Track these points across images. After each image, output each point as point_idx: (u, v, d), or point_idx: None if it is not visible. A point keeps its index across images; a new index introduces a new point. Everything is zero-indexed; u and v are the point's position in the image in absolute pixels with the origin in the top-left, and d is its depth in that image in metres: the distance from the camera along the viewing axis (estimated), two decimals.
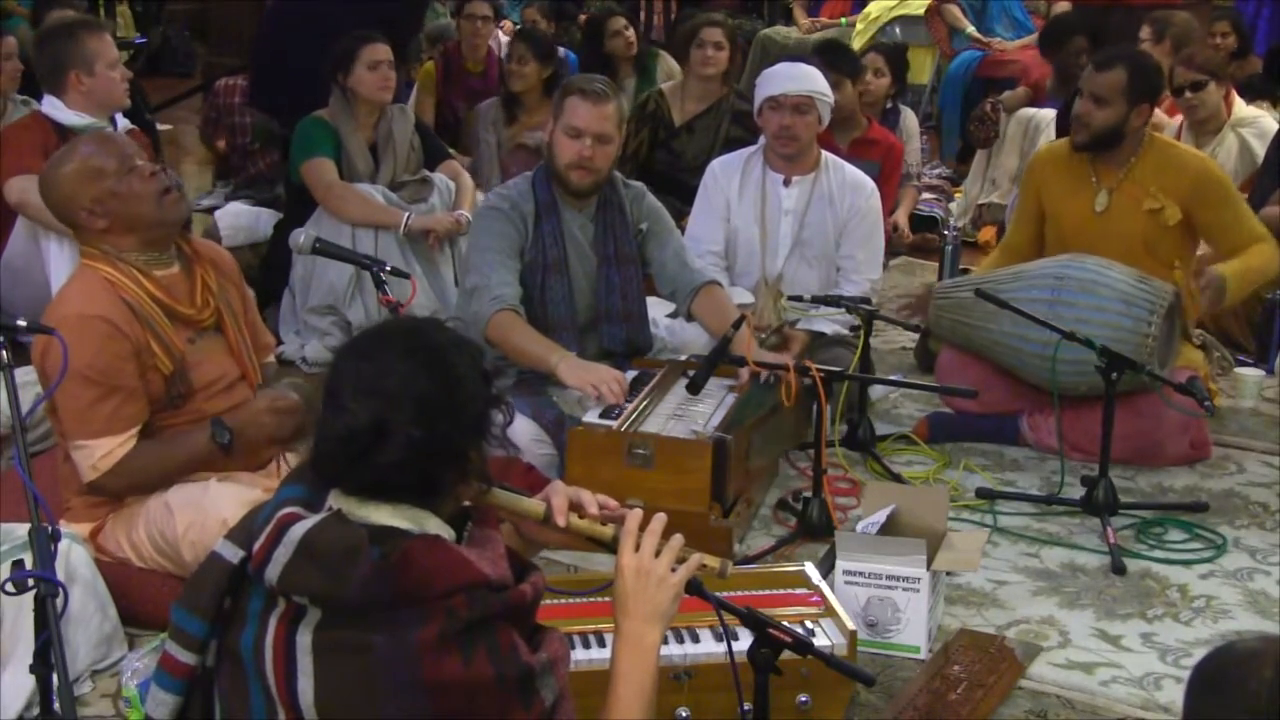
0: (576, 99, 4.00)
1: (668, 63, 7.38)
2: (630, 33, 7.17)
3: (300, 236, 3.90)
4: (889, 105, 6.77)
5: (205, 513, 3.12)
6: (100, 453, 3.14)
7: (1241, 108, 6.10)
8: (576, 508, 2.20)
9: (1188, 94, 5.89)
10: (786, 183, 4.64)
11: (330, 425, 1.94)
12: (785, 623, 2.31)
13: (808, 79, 4.61)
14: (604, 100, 3.99)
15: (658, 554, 2.11)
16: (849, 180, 4.68)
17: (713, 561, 2.18)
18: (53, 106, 4.72)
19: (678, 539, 2.14)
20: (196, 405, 3.26)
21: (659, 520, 2.15)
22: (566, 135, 3.99)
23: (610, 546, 2.16)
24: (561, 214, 4.06)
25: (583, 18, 9.57)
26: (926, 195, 7.05)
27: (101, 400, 3.11)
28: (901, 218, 6.53)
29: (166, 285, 3.22)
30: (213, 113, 7.43)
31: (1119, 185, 4.45)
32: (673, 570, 2.11)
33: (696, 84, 6.13)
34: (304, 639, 1.90)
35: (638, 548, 2.12)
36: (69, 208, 3.20)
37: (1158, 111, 5.94)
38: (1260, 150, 5.82)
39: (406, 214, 5.12)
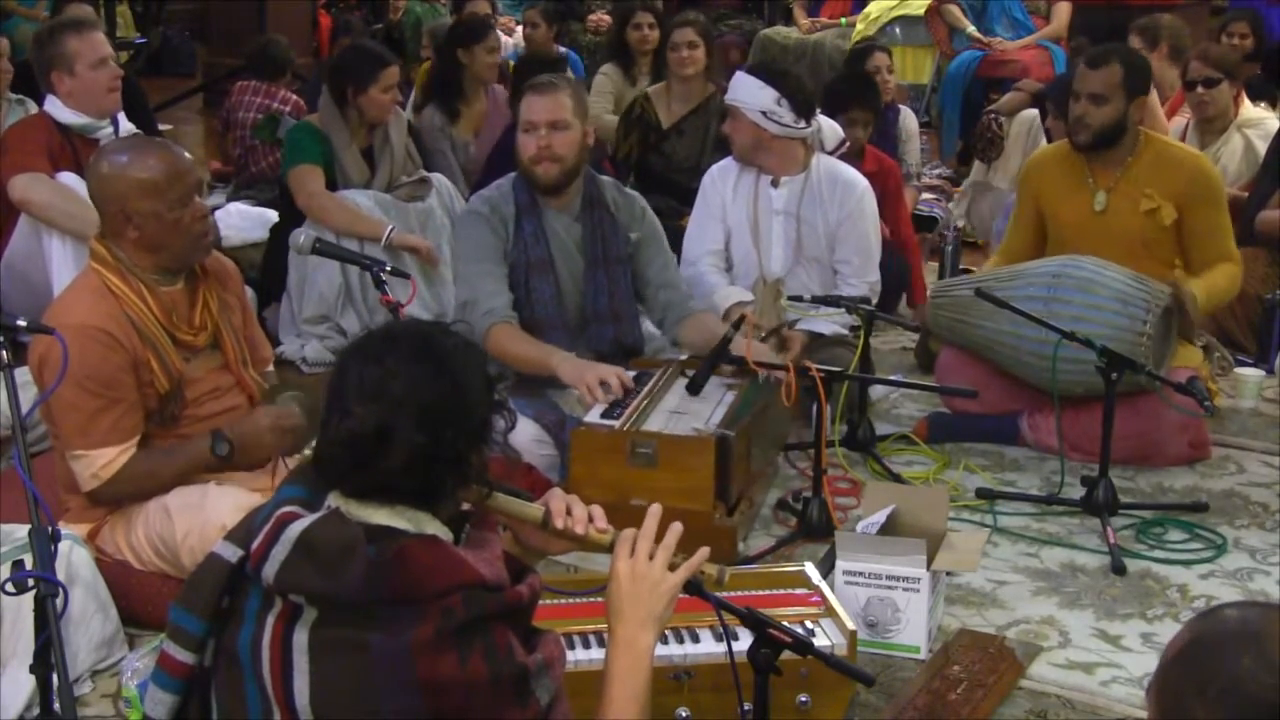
0: (528, 96, 4.04)
1: None
2: (652, 31, 7.02)
3: (300, 237, 3.90)
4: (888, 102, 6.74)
5: (205, 519, 3.12)
6: (101, 462, 3.14)
7: (1249, 109, 6.07)
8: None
9: (1200, 89, 5.83)
10: (775, 184, 4.65)
11: (335, 429, 1.93)
12: (785, 623, 2.30)
13: (737, 87, 4.66)
14: (552, 90, 4.00)
15: (652, 557, 2.11)
16: (840, 179, 4.66)
17: (710, 569, 2.18)
18: (53, 105, 4.72)
19: (672, 536, 2.13)
20: (188, 416, 3.26)
21: (653, 517, 2.14)
22: (524, 133, 4.01)
23: (607, 551, 2.16)
24: (543, 214, 4.05)
25: (595, 17, 9.54)
26: (926, 195, 7.04)
27: (103, 411, 3.10)
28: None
29: (169, 304, 3.21)
30: (223, 113, 7.47)
31: (1116, 185, 4.44)
32: (669, 573, 2.11)
33: (679, 85, 6.17)
34: (300, 638, 1.90)
35: (633, 552, 2.12)
36: (111, 204, 3.16)
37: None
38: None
39: (389, 227, 5.06)
